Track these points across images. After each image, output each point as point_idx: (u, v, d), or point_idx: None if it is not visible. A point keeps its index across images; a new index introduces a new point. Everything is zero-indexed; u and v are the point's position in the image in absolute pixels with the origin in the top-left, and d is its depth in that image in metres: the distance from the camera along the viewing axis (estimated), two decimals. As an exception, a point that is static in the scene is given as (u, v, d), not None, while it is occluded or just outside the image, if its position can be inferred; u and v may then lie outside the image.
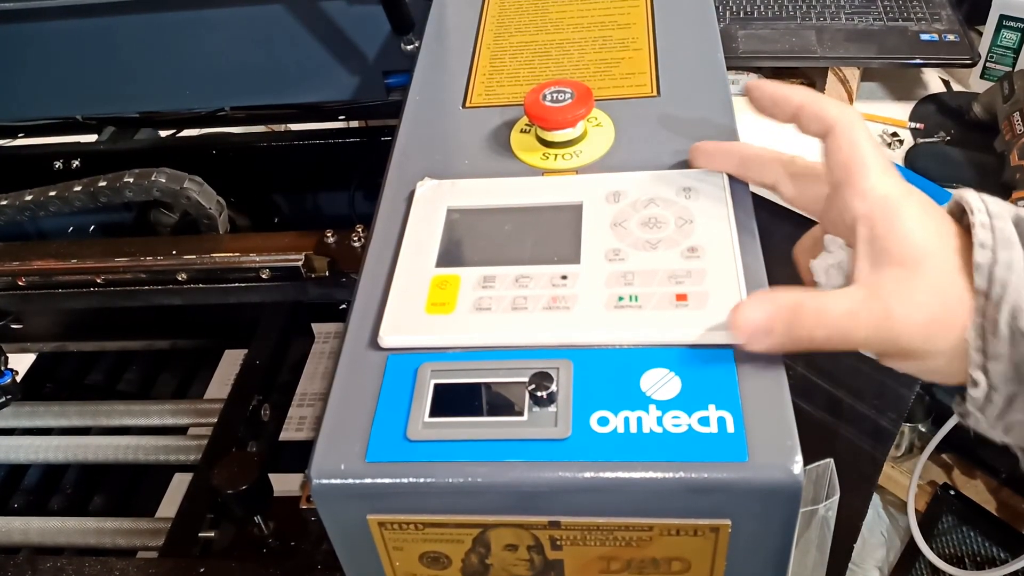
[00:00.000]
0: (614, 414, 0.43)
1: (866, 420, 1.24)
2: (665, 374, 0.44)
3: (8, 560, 0.68)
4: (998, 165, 1.06)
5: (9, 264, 0.78)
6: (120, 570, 0.64)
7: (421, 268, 0.52)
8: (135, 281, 0.77)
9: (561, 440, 0.42)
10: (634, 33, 0.68)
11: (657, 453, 0.41)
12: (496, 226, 0.54)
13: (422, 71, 0.69)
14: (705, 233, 0.51)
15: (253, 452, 0.82)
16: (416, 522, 0.44)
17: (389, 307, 0.49)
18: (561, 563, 0.45)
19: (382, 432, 0.44)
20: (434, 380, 0.46)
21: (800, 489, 0.40)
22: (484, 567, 0.46)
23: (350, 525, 0.45)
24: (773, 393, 0.43)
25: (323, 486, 0.43)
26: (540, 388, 0.43)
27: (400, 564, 0.47)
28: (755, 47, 1.26)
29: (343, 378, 0.47)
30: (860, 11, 1.29)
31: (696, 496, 0.41)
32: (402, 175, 0.59)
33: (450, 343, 0.47)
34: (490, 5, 0.75)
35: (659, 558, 0.44)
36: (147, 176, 0.81)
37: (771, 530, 0.42)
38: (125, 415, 0.94)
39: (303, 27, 0.96)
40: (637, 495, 0.42)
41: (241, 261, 0.76)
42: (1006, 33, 1.19)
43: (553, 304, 0.48)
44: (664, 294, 0.47)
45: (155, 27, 1.00)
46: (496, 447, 0.43)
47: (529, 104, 0.57)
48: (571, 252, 0.51)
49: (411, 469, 0.43)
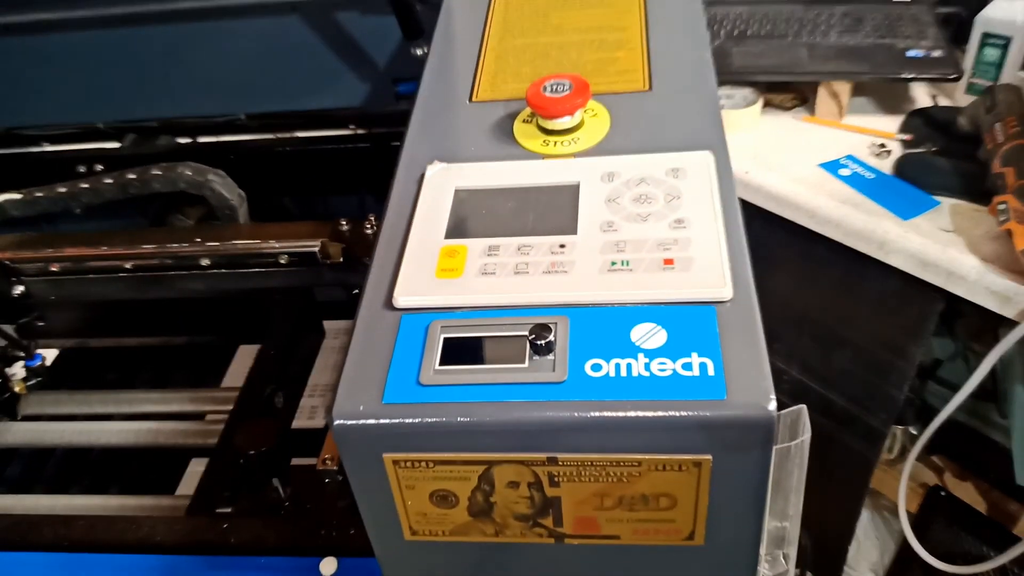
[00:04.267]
0: (606, 361, 0.48)
1: (858, 421, 1.28)
2: (653, 327, 0.49)
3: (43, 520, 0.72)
4: (982, 173, 1.10)
5: (43, 251, 0.83)
6: (148, 527, 0.68)
7: (432, 239, 0.57)
8: (161, 267, 0.82)
9: (558, 383, 0.47)
10: (628, 35, 0.74)
11: (645, 393, 0.46)
12: (500, 203, 0.59)
13: (432, 70, 0.75)
14: (691, 207, 0.56)
15: (273, 418, 0.86)
16: (427, 459, 0.48)
17: (403, 272, 0.54)
18: (559, 500, 0.50)
19: (397, 378, 0.49)
20: (444, 334, 0.50)
21: (774, 424, 0.45)
22: (488, 505, 0.50)
23: (368, 464, 0.49)
24: (750, 343, 0.48)
25: (344, 427, 0.48)
26: (540, 337, 0.48)
27: (412, 503, 0.51)
28: (749, 63, 1.31)
29: (361, 334, 0.52)
30: (850, 29, 1.34)
31: (680, 432, 0.46)
32: (413, 160, 0.64)
33: (458, 303, 0.52)
34: (495, 11, 0.81)
35: (648, 494, 0.48)
36: (173, 169, 0.86)
37: (749, 465, 0.47)
38: (145, 403, 0.99)
39: (317, 37, 1.02)
40: (626, 432, 0.46)
41: (261, 247, 0.81)
42: (988, 50, 1.24)
43: (552, 269, 0.53)
44: (653, 259, 0.52)
45: (175, 38, 1.05)
46: (500, 390, 0.47)
47: (531, 95, 0.63)
48: (569, 224, 0.56)
49: (423, 410, 0.47)
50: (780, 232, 1.18)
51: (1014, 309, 0.97)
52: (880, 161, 1.19)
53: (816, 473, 0.54)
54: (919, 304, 1.09)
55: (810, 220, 1.13)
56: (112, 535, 0.68)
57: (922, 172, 1.16)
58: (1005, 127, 1.07)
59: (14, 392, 0.95)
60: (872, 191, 1.12)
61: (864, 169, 1.16)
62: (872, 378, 1.23)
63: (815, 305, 1.26)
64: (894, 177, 1.16)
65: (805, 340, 1.29)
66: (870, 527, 1.52)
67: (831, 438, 1.32)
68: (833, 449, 1.33)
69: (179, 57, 1.07)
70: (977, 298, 1.00)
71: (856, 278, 1.15)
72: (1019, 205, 0.97)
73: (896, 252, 1.05)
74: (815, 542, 1.42)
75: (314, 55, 1.04)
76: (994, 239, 1.01)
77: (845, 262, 1.12)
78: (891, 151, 1.22)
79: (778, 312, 1.28)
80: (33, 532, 0.70)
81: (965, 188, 1.11)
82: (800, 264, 1.23)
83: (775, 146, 1.22)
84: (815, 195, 1.12)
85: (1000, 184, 1.03)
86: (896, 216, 1.07)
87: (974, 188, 1.10)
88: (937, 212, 1.07)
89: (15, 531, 0.71)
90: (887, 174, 1.16)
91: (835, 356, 1.27)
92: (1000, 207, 0.99)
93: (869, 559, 1.51)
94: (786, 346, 1.30)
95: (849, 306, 1.20)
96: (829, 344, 1.26)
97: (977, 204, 1.08)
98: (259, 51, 1.05)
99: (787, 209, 1.15)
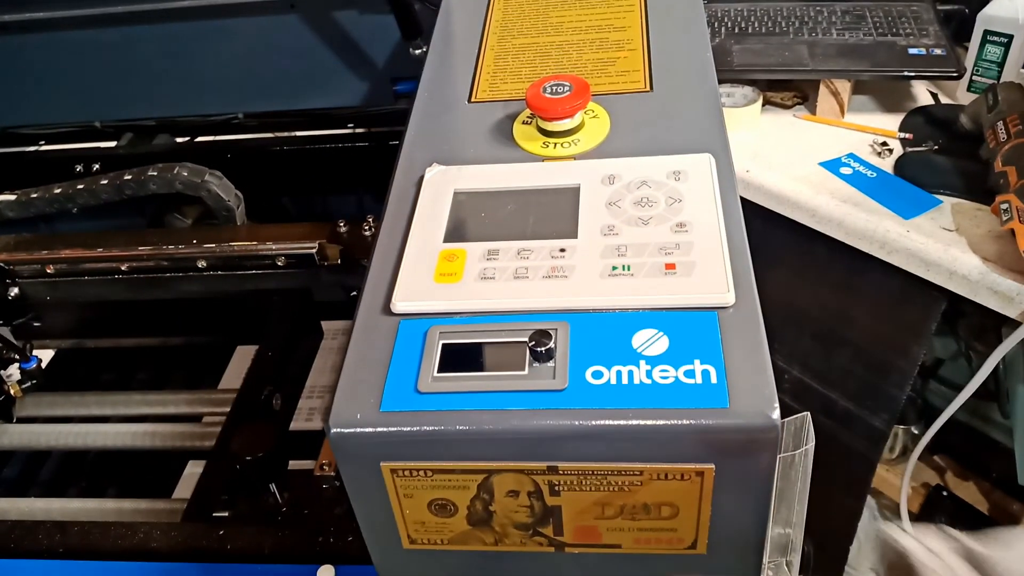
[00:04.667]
0: (607, 368, 0.47)
1: (859, 421, 1.27)
2: (654, 334, 0.48)
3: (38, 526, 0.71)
4: (983, 172, 1.10)
5: (39, 253, 0.82)
6: (144, 532, 0.68)
7: (430, 243, 0.56)
8: (157, 268, 0.81)
9: (558, 391, 0.46)
10: (629, 35, 0.73)
11: (646, 401, 0.45)
12: (500, 206, 0.58)
13: (431, 70, 0.74)
14: (693, 210, 0.55)
15: (270, 422, 0.86)
16: (426, 468, 0.48)
17: (401, 277, 0.54)
18: (559, 509, 0.49)
19: (395, 386, 0.48)
20: (442, 340, 0.50)
21: (777, 432, 0.44)
22: (488, 514, 0.50)
23: (365, 473, 0.49)
24: (753, 350, 0.47)
25: (341, 435, 0.47)
26: (540, 344, 0.47)
27: (410, 512, 0.50)
28: (749, 60, 1.31)
29: (358, 340, 0.51)
30: (851, 27, 1.34)
31: (682, 441, 0.45)
32: (412, 162, 0.64)
33: (457, 308, 0.51)
34: (494, 11, 0.80)
35: (650, 503, 0.48)
36: (170, 170, 0.85)
37: (752, 473, 0.46)
38: (142, 404, 0.98)
39: (315, 36, 1.01)
40: (628, 441, 0.45)
41: (258, 249, 0.80)
42: (990, 48, 1.24)
43: (552, 273, 0.52)
44: (654, 264, 0.52)
45: (172, 37, 1.05)
46: (499, 398, 0.47)
47: (531, 96, 0.62)
48: (569, 228, 0.55)
49: (422, 418, 0.47)
50: (781, 231, 1.18)
51: (1016, 309, 0.97)
52: (881, 160, 1.19)
53: (817, 473, 0.54)
54: (921, 304, 1.09)
55: (811, 219, 1.12)
56: (107, 541, 0.68)
57: (923, 171, 1.16)
58: (1007, 125, 1.07)
59: (9, 395, 0.95)
60: (873, 190, 1.11)
61: (865, 168, 1.16)
62: (873, 378, 1.22)
63: (816, 304, 1.25)
64: (895, 176, 1.16)
65: (806, 339, 1.28)
66: (871, 526, 1.51)
67: (832, 438, 1.32)
68: (834, 449, 1.32)
69: (176, 56, 1.07)
70: (979, 298, 0.99)
71: (857, 277, 1.14)
72: (1022, 204, 0.96)
73: (897, 251, 1.04)
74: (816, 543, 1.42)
75: (312, 54, 1.03)
76: (996, 238, 1.01)
77: (846, 261, 1.11)
78: (892, 150, 1.21)
79: (779, 312, 1.28)
80: (28, 538, 0.70)
81: (967, 187, 1.11)
82: (801, 263, 1.22)
83: (776, 144, 1.21)
84: (816, 194, 1.11)
85: (1002, 183, 1.03)
86: (897, 215, 1.06)
87: (976, 187, 1.09)
88: (939, 211, 1.07)
89: (9, 537, 0.70)
90: (888, 173, 1.15)
91: (836, 355, 1.26)
92: (1003, 206, 0.99)
93: (869, 559, 1.51)
94: (787, 346, 1.30)
95: (850, 305, 1.20)
96: (830, 343, 1.26)
97: (979, 203, 1.07)
98: (257, 50, 1.05)
99: (788, 208, 1.14)
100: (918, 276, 1.04)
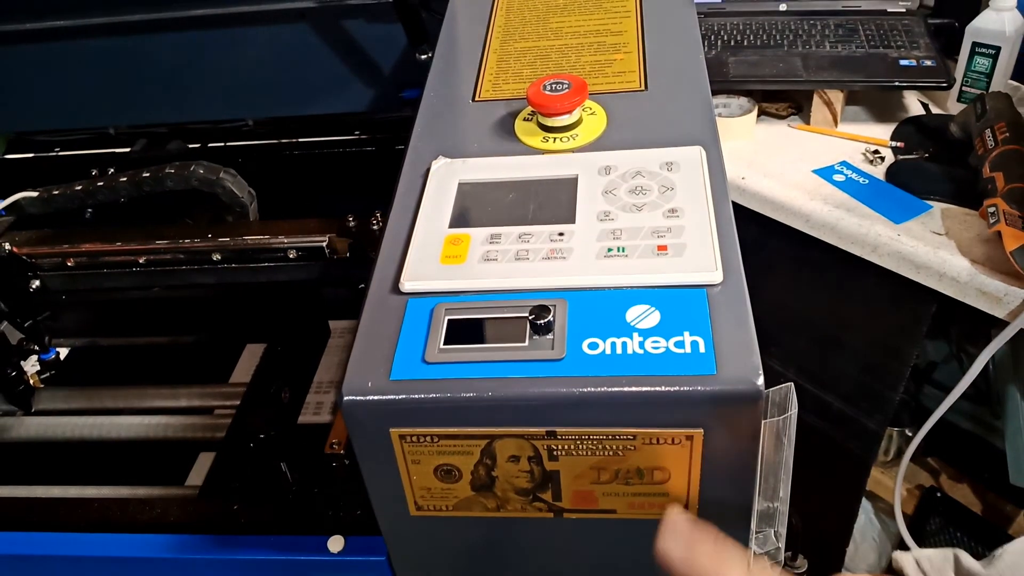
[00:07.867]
0: (603, 340, 0.50)
1: (853, 423, 1.30)
2: (647, 309, 0.51)
3: (59, 503, 0.74)
4: (972, 178, 1.13)
5: (60, 247, 0.85)
6: (160, 507, 0.70)
7: (436, 228, 0.59)
8: (173, 262, 0.85)
9: (557, 360, 0.49)
10: (625, 39, 0.77)
11: (639, 369, 0.48)
12: (502, 195, 0.62)
13: (436, 71, 0.78)
14: (684, 197, 0.58)
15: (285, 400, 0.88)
16: (432, 434, 0.51)
17: (409, 259, 0.57)
18: (558, 474, 0.52)
19: (404, 357, 0.51)
20: (448, 316, 0.53)
21: (762, 397, 0.47)
22: (490, 479, 0.53)
23: (375, 440, 0.52)
24: (739, 323, 0.50)
25: (353, 403, 0.50)
26: (539, 317, 0.51)
27: (417, 478, 0.53)
28: (744, 72, 1.34)
29: (369, 317, 0.54)
30: (843, 40, 1.38)
31: (672, 406, 0.48)
32: (419, 155, 0.67)
33: (462, 287, 0.55)
34: (496, 17, 0.84)
35: (643, 467, 0.51)
36: (187, 167, 0.89)
37: (739, 437, 0.49)
38: (155, 398, 1.01)
39: (325, 44, 1.04)
40: (622, 406, 0.48)
41: (270, 242, 0.84)
42: (979, 59, 1.28)
43: (551, 255, 0.55)
44: (647, 246, 0.55)
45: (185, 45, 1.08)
46: (501, 367, 0.50)
47: (532, 94, 0.65)
48: (567, 214, 0.59)
49: (429, 386, 0.50)
50: (775, 237, 1.20)
51: (1004, 309, 0.99)
52: (873, 167, 1.22)
53: (812, 475, 0.56)
54: (912, 305, 1.11)
55: (805, 224, 1.15)
56: (125, 516, 0.70)
57: (914, 177, 1.19)
58: (995, 133, 1.10)
59: (29, 385, 0.98)
60: (865, 196, 1.14)
61: (858, 175, 1.19)
62: (867, 380, 1.25)
63: (811, 308, 1.28)
64: (887, 183, 1.19)
65: (801, 343, 1.31)
66: (868, 529, 1.53)
67: (827, 440, 1.34)
68: (829, 451, 1.35)
69: (189, 64, 1.10)
70: (968, 299, 1.02)
71: (850, 281, 1.17)
72: (1008, 208, 0.99)
73: (889, 255, 1.07)
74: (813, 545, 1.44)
75: (321, 62, 1.06)
76: (984, 241, 1.04)
77: (840, 265, 1.14)
78: (884, 157, 1.24)
79: (775, 315, 1.31)
80: (49, 514, 0.72)
81: (956, 193, 1.14)
82: (795, 268, 1.25)
83: (771, 153, 1.24)
84: (810, 200, 1.14)
85: (990, 188, 1.06)
86: (889, 220, 1.09)
87: (965, 192, 1.12)
88: (929, 216, 1.10)
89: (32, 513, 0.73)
90: (880, 180, 1.18)
91: (831, 358, 1.29)
92: (990, 210, 1.02)
93: (866, 560, 1.53)
94: (783, 349, 1.32)
95: (844, 308, 1.23)
96: (825, 346, 1.28)
97: (968, 208, 1.10)
98: (267, 58, 1.08)
99: (782, 214, 1.17)
100: (909, 278, 1.07)
